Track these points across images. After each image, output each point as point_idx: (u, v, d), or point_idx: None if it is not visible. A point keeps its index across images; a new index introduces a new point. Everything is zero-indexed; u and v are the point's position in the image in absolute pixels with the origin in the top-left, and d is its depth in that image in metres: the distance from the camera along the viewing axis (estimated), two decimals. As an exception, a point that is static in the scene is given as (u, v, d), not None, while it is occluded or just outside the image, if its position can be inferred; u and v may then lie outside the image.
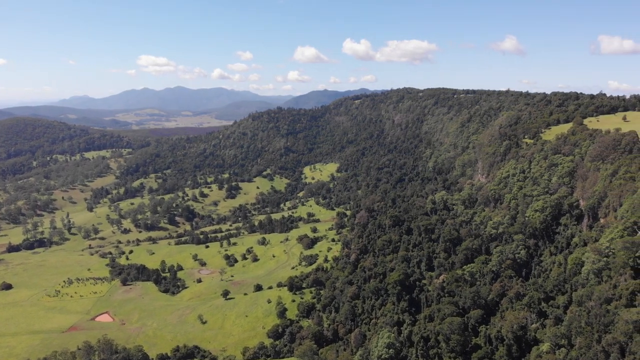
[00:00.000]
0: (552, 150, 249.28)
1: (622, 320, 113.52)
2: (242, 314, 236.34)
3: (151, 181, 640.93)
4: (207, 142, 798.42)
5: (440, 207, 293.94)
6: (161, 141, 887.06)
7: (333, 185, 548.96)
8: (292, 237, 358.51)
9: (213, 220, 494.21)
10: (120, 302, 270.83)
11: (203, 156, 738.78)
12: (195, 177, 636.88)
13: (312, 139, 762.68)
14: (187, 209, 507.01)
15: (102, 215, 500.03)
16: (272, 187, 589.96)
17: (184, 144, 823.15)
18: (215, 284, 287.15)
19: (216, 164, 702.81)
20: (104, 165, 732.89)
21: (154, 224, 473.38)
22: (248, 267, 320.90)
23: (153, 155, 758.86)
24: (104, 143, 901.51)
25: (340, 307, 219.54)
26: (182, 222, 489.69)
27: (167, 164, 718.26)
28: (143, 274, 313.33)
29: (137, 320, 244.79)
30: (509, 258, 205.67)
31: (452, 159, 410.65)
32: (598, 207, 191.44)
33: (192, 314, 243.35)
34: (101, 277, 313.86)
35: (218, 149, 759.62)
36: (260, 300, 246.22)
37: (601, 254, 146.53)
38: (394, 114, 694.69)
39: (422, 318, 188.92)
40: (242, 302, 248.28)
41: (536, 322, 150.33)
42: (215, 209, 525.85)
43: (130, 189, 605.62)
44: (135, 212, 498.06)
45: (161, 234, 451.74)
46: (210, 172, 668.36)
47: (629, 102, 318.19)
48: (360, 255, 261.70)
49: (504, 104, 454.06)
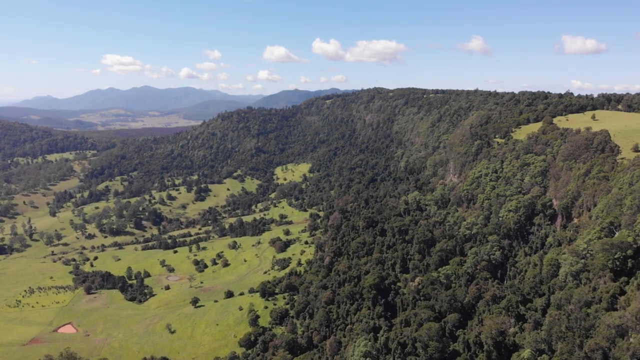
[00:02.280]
0: (524, 150, 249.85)
1: (603, 324, 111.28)
2: (213, 323, 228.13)
3: (117, 184, 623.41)
4: (175, 142, 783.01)
5: (414, 208, 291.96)
6: (127, 142, 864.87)
7: (305, 185, 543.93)
8: (265, 240, 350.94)
9: (182, 223, 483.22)
10: (85, 312, 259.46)
11: (171, 157, 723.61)
12: (163, 179, 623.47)
13: (284, 139, 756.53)
14: (155, 212, 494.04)
15: (65, 220, 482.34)
16: (243, 189, 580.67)
17: (151, 145, 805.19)
18: (184, 291, 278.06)
19: (184, 166, 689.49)
20: (68, 168, 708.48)
21: (120, 229, 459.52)
22: (218, 272, 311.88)
23: (119, 157, 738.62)
24: (67, 145, 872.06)
25: (315, 313, 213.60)
26: (149, 226, 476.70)
27: (133, 166, 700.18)
28: (108, 281, 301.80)
29: (102, 331, 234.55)
30: (484, 259, 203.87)
31: (424, 159, 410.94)
32: (571, 207, 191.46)
33: (160, 323, 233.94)
34: (64, 286, 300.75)
35: (186, 150, 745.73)
36: (231, 308, 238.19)
37: (579, 255, 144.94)
38: (365, 113, 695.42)
39: (399, 323, 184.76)
40: (213, 310, 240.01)
41: (515, 326, 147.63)
42: (183, 212, 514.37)
43: (95, 193, 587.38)
44: (100, 216, 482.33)
45: (127, 239, 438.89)
46: (178, 173, 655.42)
47: (597, 101, 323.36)
48: (334, 258, 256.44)
49: (474, 104, 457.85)
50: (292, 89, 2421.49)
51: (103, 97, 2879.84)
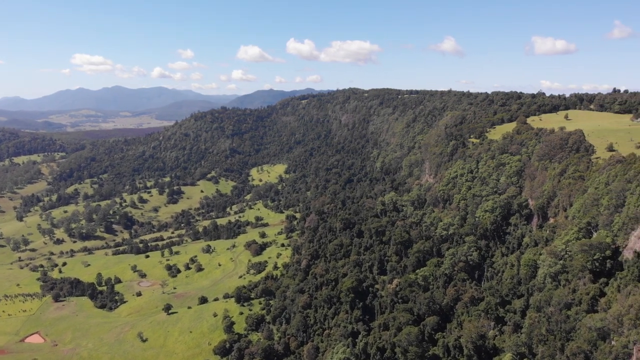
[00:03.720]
0: (499, 150, 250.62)
1: (584, 327, 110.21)
2: (186, 330, 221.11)
3: (86, 187, 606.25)
4: (146, 144, 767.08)
5: (390, 209, 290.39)
6: (97, 144, 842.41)
7: (282, 187, 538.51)
8: (240, 243, 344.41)
9: (153, 227, 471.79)
10: (53, 321, 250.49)
11: (142, 159, 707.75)
12: (134, 182, 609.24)
13: (259, 140, 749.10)
14: (126, 216, 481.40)
15: (32, 225, 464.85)
16: (217, 191, 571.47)
17: (121, 146, 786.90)
18: (157, 298, 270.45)
19: (156, 167, 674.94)
20: (35, 171, 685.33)
21: (90, 233, 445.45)
22: (192, 277, 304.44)
23: (88, 159, 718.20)
24: (35, 147, 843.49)
25: (292, 318, 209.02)
26: (120, 230, 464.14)
27: (103, 168, 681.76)
28: (77, 288, 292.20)
29: (71, 340, 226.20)
30: (461, 260, 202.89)
31: (399, 159, 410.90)
32: (547, 207, 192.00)
33: (131, 332, 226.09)
34: (31, 293, 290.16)
35: (158, 151, 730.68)
36: (205, 314, 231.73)
37: (557, 256, 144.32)
38: (340, 114, 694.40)
39: (377, 326, 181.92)
40: (186, 317, 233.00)
41: (494, 329, 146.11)
42: (155, 216, 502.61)
43: (64, 196, 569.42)
44: (69, 220, 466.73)
45: (97, 244, 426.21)
46: (150, 175, 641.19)
47: (570, 100, 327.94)
48: (311, 261, 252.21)
49: (448, 104, 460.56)
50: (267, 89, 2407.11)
51: (73, 97, 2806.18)
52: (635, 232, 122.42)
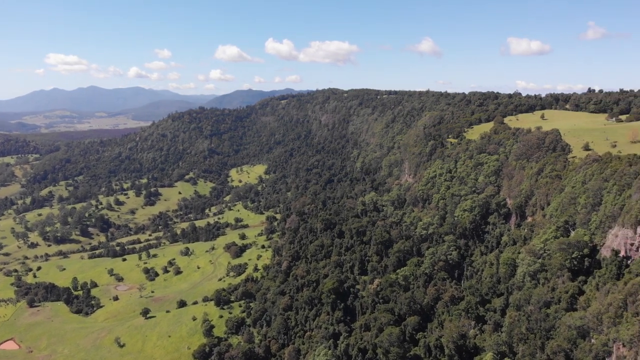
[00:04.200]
0: (477, 150, 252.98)
1: (564, 325, 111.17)
2: (165, 334, 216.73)
3: (61, 189, 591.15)
4: (122, 145, 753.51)
5: (371, 209, 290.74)
6: (72, 145, 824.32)
7: (262, 187, 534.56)
8: (219, 245, 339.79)
9: (130, 230, 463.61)
10: (27, 327, 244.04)
11: (118, 160, 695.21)
12: (110, 184, 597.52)
13: (238, 140, 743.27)
14: (102, 218, 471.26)
15: (6, 229, 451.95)
16: (195, 192, 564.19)
17: (97, 147, 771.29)
18: (134, 302, 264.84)
19: (133, 169, 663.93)
20: (8, 173, 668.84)
21: (65, 237, 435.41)
22: (170, 280, 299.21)
23: (63, 160, 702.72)
24: (8, 149, 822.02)
25: (272, 321, 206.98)
26: (96, 233, 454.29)
27: (78, 170, 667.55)
28: (52, 293, 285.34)
29: (46, 346, 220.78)
30: (441, 260, 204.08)
31: (379, 159, 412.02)
32: (525, 206, 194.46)
33: (108, 337, 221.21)
34: (5, 299, 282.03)
35: (135, 153, 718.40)
36: (184, 318, 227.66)
37: (536, 255, 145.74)
38: (320, 114, 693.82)
39: (358, 327, 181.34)
40: (165, 321, 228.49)
41: (474, 328, 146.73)
42: (132, 218, 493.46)
43: (38, 199, 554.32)
44: (43, 223, 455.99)
45: (73, 247, 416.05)
46: (126, 177, 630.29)
47: (546, 100, 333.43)
48: (292, 263, 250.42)
49: (426, 104, 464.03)
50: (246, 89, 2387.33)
51: (47, 98, 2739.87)
52: (613, 230, 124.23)
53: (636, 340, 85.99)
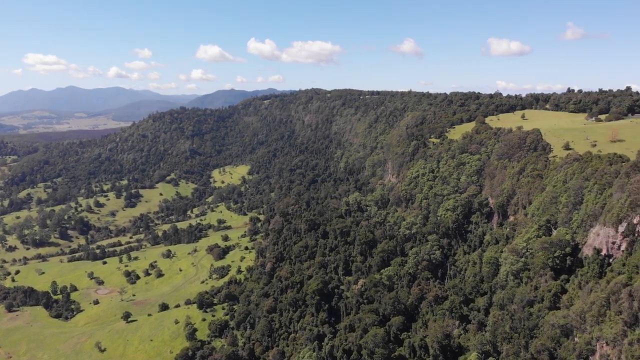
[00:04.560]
0: (459, 150, 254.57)
1: (547, 324, 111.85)
2: (147, 338, 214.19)
3: (40, 191, 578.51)
4: (102, 146, 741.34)
5: (354, 209, 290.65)
6: (51, 146, 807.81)
7: (245, 188, 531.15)
8: (201, 247, 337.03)
9: (111, 232, 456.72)
10: (6, 332, 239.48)
11: (98, 162, 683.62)
12: (90, 185, 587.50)
13: (221, 141, 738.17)
14: (81, 221, 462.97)
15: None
16: (177, 193, 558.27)
17: (76, 148, 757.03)
18: (115, 305, 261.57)
19: (113, 170, 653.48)
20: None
21: (44, 240, 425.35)
22: (152, 283, 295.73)
23: (41, 162, 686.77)
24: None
25: (256, 323, 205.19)
26: (76, 235, 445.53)
27: (57, 172, 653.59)
28: (31, 297, 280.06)
29: (26, 352, 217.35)
30: (424, 259, 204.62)
31: (363, 159, 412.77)
32: (507, 205, 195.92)
33: (88, 342, 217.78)
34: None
35: (115, 153, 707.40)
36: (166, 321, 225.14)
37: (519, 254, 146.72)
38: (303, 114, 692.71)
39: (343, 328, 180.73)
40: (146, 325, 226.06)
41: (459, 328, 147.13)
42: (113, 220, 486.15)
43: (16, 201, 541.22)
44: (21, 226, 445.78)
45: (52, 251, 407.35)
46: (106, 179, 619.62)
47: (526, 100, 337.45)
48: (276, 264, 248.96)
49: (408, 105, 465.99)
50: (228, 89, 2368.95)
51: (25, 98, 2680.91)
52: (594, 229, 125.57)
53: (620, 339, 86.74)
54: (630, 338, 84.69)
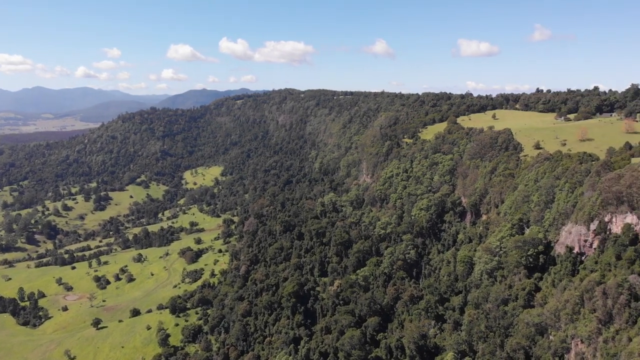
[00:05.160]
0: (432, 150, 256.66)
1: (522, 322, 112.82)
2: (118, 345, 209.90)
3: (5, 195, 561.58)
4: (70, 147, 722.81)
5: (330, 209, 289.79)
6: (17, 148, 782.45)
7: (218, 190, 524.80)
8: (173, 250, 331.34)
9: (80, 236, 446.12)
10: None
11: (66, 164, 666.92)
12: (58, 188, 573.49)
13: (193, 141, 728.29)
14: (49, 225, 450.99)
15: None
16: (148, 196, 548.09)
17: (43, 150, 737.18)
18: (85, 312, 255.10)
19: (82, 172, 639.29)
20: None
21: (10, 245, 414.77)
22: (123, 288, 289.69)
23: (7, 164, 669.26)
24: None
25: (231, 327, 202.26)
26: (43, 240, 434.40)
27: (23, 175, 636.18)
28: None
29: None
30: (399, 259, 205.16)
31: (337, 160, 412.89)
32: (480, 204, 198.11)
33: (57, 350, 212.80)
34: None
35: (84, 155, 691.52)
36: (138, 327, 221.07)
37: (492, 253, 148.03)
38: (277, 114, 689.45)
39: (319, 330, 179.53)
40: (117, 331, 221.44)
41: (434, 327, 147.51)
42: (82, 224, 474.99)
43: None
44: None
45: (19, 256, 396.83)
46: (75, 181, 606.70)
47: (496, 100, 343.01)
48: (250, 267, 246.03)
49: (382, 105, 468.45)
50: (200, 89, 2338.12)
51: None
52: (566, 227, 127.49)
53: (594, 337, 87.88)
54: (605, 336, 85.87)
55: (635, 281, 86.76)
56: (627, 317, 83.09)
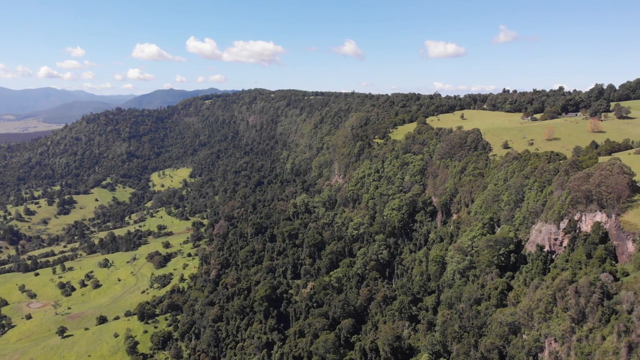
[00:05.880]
0: (402, 150, 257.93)
1: (495, 322, 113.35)
2: (84, 354, 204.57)
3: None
4: (32, 149, 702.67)
5: (302, 210, 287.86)
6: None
7: (186, 192, 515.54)
8: (141, 255, 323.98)
9: (43, 241, 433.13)
10: None
11: (28, 166, 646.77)
12: (20, 192, 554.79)
13: (160, 142, 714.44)
14: (11, 230, 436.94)
15: None
16: (114, 199, 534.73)
17: (4, 153, 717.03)
18: (49, 320, 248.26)
19: (45, 175, 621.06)
20: None
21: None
22: (89, 295, 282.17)
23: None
24: None
25: (202, 333, 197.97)
26: (5, 246, 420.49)
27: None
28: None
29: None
30: (372, 259, 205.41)
31: (309, 160, 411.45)
32: (450, 203, 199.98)
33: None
34: None
35: (46, 158, 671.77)
36: (105, 335, 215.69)
37: (464, 253, 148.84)
38: (247, 115, 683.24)
39: (292, 334, 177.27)
40: (83, 339, 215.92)
41: (408, 328, 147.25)
42: (45, 229, 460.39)
43: None
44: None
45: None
46: (37, 184, 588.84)
47: (464, 101, 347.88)
48: (221, 271, 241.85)
49: (352, 106, 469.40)
50: (167, 89, 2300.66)
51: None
52: (536, 226, 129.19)
53: (568, 336, 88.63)
54: (579, 334, 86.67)
55: (606, 279, 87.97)
56: (600, 316, 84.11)
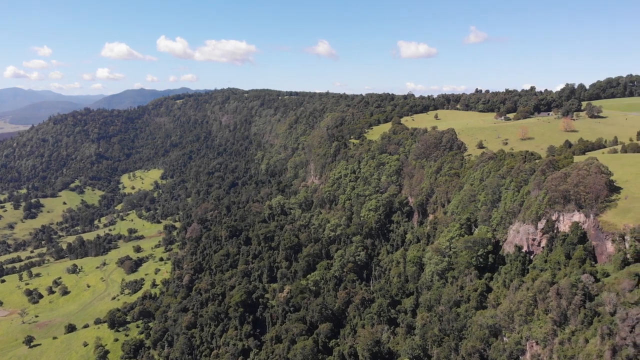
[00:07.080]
0: (378, 150, 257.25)
1: (475, 324, 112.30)
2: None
3: None
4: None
5: (278, 212, 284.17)
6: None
7: (158, 194, 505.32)
8: (111, 260, 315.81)
9: (9, 247, 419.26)
10: None
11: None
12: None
13: (130, 143, 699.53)
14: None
15: None
16: (82, 202, 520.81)
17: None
18: (15, 329, 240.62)
19: (10, 178, 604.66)
20: None
21: None
22: (57, 302, 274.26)
23: None
24: None
25: (175, 341, 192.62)
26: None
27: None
28: None
29: None
30: (349, 261, 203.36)
31: (284, 161, 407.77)
32: (426, 204, 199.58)
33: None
34: None
35: (12, 160, 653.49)
36: (74, 344, 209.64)
37: (443, 254, 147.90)
38: (220, 115, 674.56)
39: (269, 340, 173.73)
40: (52, 349, 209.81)
41: (387, 331, 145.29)
42: (11, 233, 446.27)
43: None
44: None
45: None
46: (3, 188, 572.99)
47: (438, 101, 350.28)
48: (194, 276, 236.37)
49: (327, 106, 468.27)
50: (138, 88, 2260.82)
51: None
52: (514, 226, 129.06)
53: (550, 338, 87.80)
54: (561, 337, 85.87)
55: (588, 281, 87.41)
56: (582, 318, 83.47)
